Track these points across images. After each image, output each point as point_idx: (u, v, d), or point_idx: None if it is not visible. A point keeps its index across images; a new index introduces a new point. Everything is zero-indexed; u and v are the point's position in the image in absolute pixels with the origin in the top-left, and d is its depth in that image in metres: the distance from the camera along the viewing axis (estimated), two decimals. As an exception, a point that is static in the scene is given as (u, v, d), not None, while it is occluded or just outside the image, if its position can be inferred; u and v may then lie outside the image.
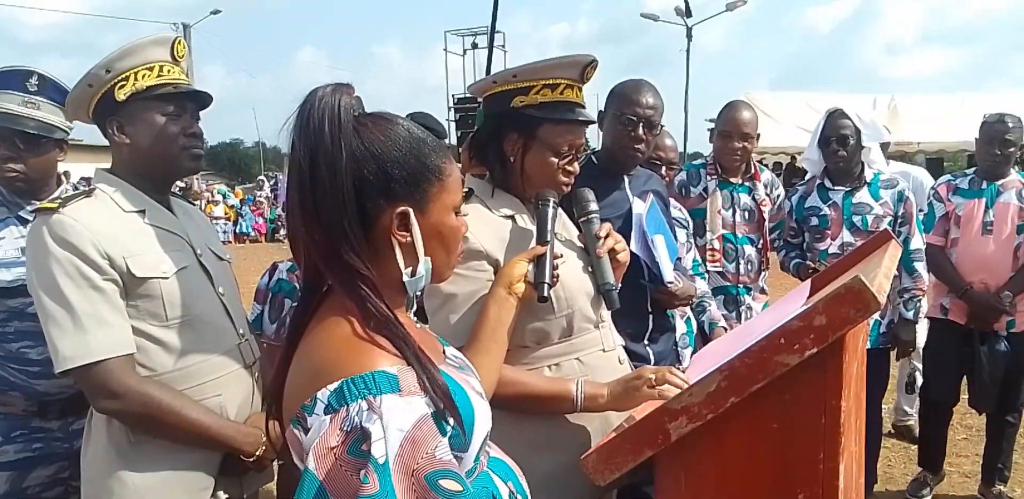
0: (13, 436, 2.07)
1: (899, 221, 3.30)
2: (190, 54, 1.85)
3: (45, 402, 2.08)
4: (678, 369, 1.67)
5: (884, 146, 4.45)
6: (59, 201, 1.65)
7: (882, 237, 1.92)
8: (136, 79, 1.70)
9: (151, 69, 1.72)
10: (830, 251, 3.30)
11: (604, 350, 1.77)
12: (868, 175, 3.36)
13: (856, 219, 3.29)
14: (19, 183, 2.14)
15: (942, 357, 3.52)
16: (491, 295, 1.59)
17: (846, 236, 3.29)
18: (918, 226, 3.41)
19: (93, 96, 1.72)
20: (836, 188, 3.36)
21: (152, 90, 1.71)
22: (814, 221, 3.36)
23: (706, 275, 3.09)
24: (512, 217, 1.75)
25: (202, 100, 1.81)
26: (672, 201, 2.93)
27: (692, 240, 2.99)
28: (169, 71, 1.75)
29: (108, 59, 1.70)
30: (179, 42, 1.80)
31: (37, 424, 2.09)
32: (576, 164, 1.78)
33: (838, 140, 3.30)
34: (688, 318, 2.79)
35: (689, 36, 21.48)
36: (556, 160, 1.73)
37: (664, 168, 2.92)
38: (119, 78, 1.69)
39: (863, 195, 3.32)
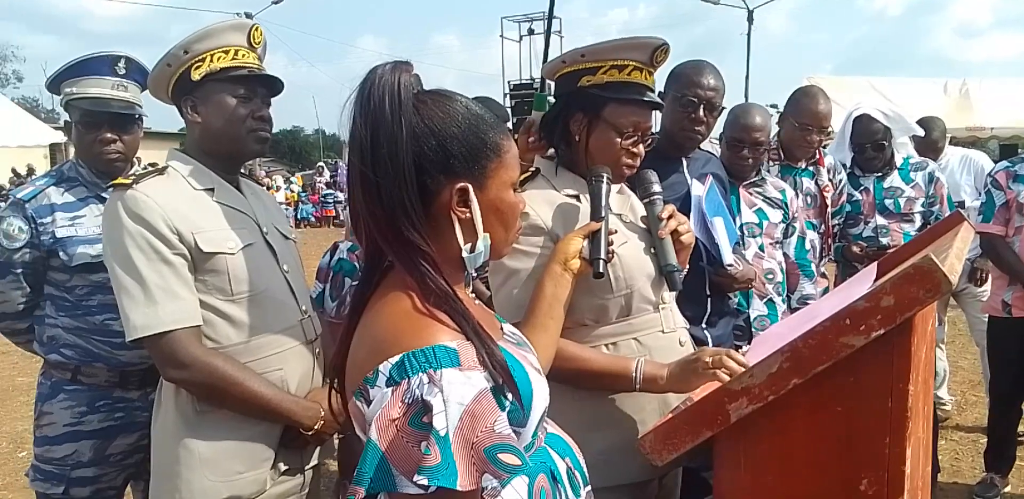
0: (97, 406, 2.18)
1: (930, 201, 3.39)
2: (266, 43, 1.89)
3: (126, 373, 2.18)
4: (739, 352, 1.64)
5: (932, 136, 4.36)
6: (133, 177, 1.71)
7: (953, 220, 1.85)
8: (212, 61, 1.75)
9: (227, 52, 1.77)
10: (864, 235, 3.42)
11: (663, 332, 1.76)
12: (898, 160, 3.43)
13: (888, 203, 3.39)
14: (119, 163, 2.25)
15: (1006, 355, 3.40)
16: (547, 271, 1.59)
17: (879, 220, 3.40)
18: (949, 205, 3.44)
19: (171, 75, 1.78)
20: (867, 175, 3.45)
21: (225, 72, 1.76)
22: (847, 207, 3.44)
23: (814, 269, 3.05)
24: (576, 196, 1.76)
25: (274, 86, 1.85)
26: (771, 179, 2.88)
27: (790, 222, 2.90)
28: (244, 56, 1.80)
29: (187, 40, 1.76)
30: (256, 29, 1.84)
31: (119, 394, 2.19)
32: (641, 147, 1.76)
33: (873, 147, 3.39)
34: (769, 299, 2.75)
35: (750, 20, 21.01)
36: (620, 140, 1.73)
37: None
38: (196, 59, 1.75)
39: (894, 179, 3.42)
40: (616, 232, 1.68)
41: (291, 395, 1.76)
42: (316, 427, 1.75)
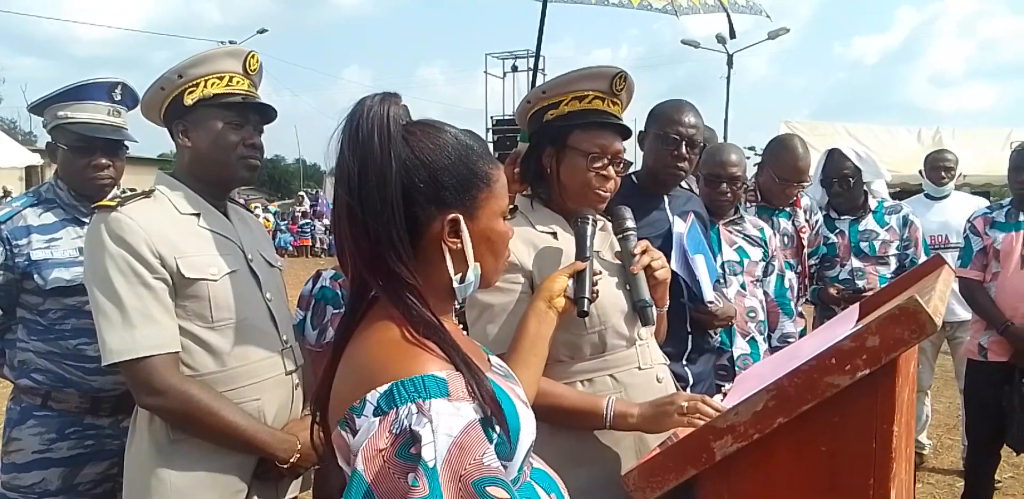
0: (67, 433, 2.12)
1: (905, 244, 3.44)
2: (261, 70, 1.90)
3: (98, 399, 2.13)
4: (720, 392, 1.65)
5: (944, 155, 4.46)
6: (118, 200, 1.70)
7: (934, 263, 1.88)
8: (205, 86, 1.76)
9: (221, 78, 1.78)
10: (840, 277, 3.45)
11: (640, 368, 1.75)
12: (872, 203, 3.49)
13: (863, 245, 3.43)
14: (108, 188, 2.23)
15: (981, 398, 3.42)
16: (531, 309, 1.59)
17: (855, 262, 3.43)
18: (924, 248, 3.48)
19: (164, 99, 1.79)
20: (842, 218, 3.50)
21: (218, 98, 1.77)
22: (823, 249, 3.49)
23: (793, 307, 3.07)
24: (554, 233, 1.77)
25: (266, 114, 1.86)
26: (750, 218, 2.91)
27: (769, 260, 2.92)
28: (238, 82, 1.80)
29: (182, 65, 1.76)
30: (252, 56, 1.85)
31: (89, 421, 2.14)
32: (612, 170, 1.76)
33: (840, 181, 3.45)
34: (751, 338, 2.76)
35: (730, 63, 21.42)
36: (587, 163, 1.74)
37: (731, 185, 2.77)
38: (189, 84, 1.75)
39: (868, 222, 3.46)
40: (601, 273, 1.69)
41: (267, 427, 1.73)
42: (291, 460, 1.72)
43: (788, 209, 3.31)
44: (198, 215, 1.76)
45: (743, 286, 2.79)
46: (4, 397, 2.32)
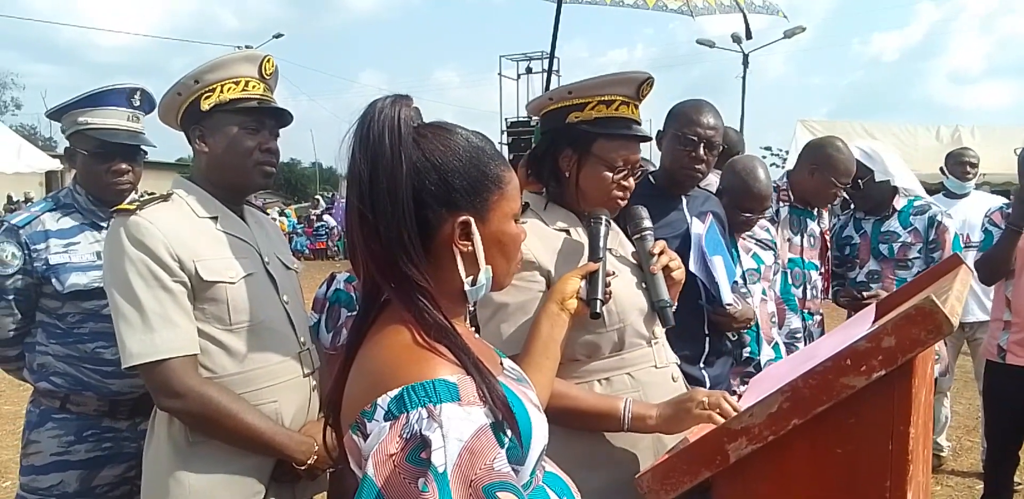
0: (85, 436, 2.15)
1: (931, 247, 3.30)
2: (277, 74, 1.91)
3: (116, 402, 2.16)
4: (735, 394, 1.63)
5: (967, 153, 4.43)
6: (137, 204, 1.72)
7: (951, 262, 1.86)
8: (221, 91, 1.77)
9: (237, 83, 1.79)
10: (858, 279, 3.37)
11: (656, 367, 1.75)
12: (899, 203, 3.39)
13: (883, 247, 3.34)
14: (127, 193, 2.27)
15: (1001, 401, 3.35)
16: (543, 311, 1.58)
17: (872, 264, 3.35)
18: (956, 249, 3.36)
19: (181, 104, 1.80)
20: (868, 217, 3.43)
21: (234, 103, 1.78)
22: (846, 250, 3.44)
23: (797, 303, 3.05)
24: (567, 231, 1.77)
25: (282, 118, 1.87)
26: (762, 221, 2.89)
27: (776, 259, 2.91)
28: (254, 87, 1.81)
29: (198, 70, 1.77)
30: (268, 61, 1.86)
31: (107, 424, 2.17)
32: (631, 180, 1.78)
33: (851, 183, 3.35)
34: (776, 344, 2.73)
35: (745, 63, 21.31)
36: (610, 175, 1.75)
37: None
38: (206, 89, 1.77)
39: (892, 223, 3.37)
40: (614, 273, 1.68)
41: (285, 429, 1.73)
42: (309, 462, 1.73)
43: (814, 211, 3.28)
44: (215, 219, 1.78)
45: (763, 292, 2.76)
46: (24, 399, 2.34)
